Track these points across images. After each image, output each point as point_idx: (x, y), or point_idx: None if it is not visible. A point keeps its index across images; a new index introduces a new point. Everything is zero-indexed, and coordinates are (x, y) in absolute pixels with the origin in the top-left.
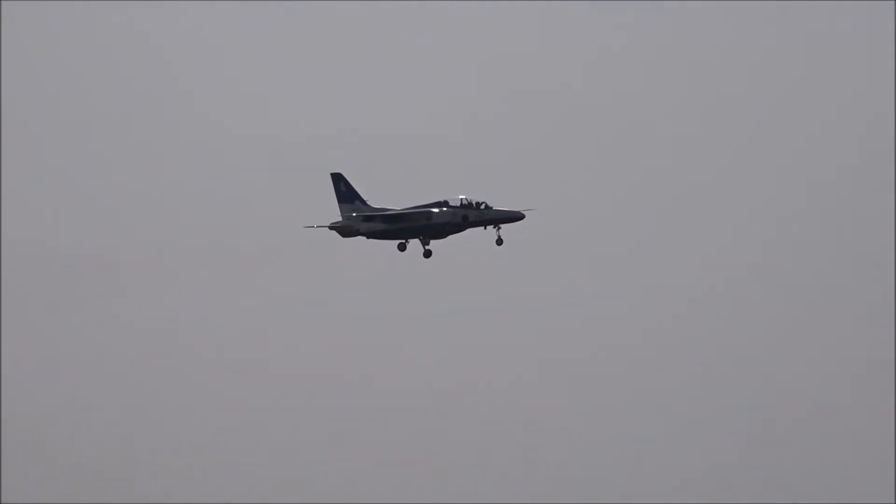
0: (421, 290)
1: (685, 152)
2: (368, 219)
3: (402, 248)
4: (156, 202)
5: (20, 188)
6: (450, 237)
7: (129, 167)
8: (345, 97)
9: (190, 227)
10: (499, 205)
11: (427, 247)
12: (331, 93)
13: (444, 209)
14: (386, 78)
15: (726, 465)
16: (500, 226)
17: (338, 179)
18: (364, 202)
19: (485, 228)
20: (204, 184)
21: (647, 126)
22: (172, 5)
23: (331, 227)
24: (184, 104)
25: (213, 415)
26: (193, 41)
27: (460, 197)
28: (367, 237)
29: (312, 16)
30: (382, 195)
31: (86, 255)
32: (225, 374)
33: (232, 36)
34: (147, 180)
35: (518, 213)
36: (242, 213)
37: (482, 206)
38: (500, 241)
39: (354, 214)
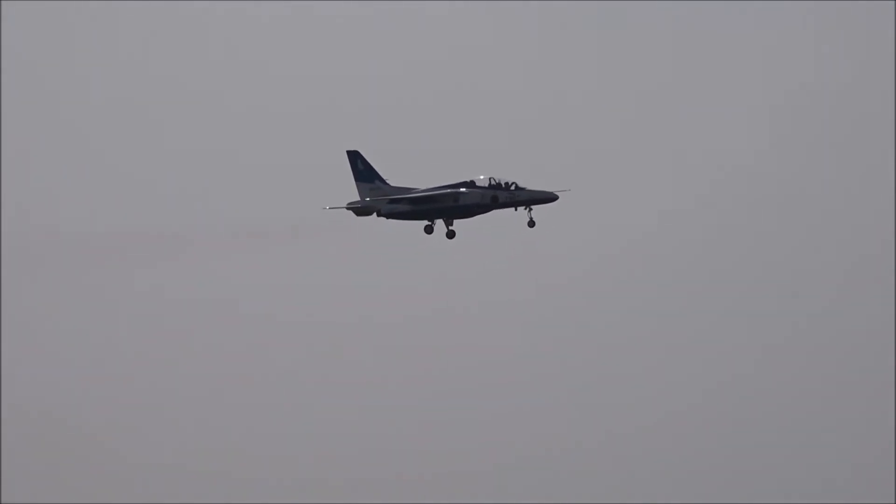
0: (445, 273)
1: (707, 137)
2: (394, 201)
3: (429, 230)
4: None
5: (21, 186)
6: (475, 217)
7: (140, 156)
8: (360, 70)
9: (205, 206)
10: (529, 185)
11: (450, 227)
12: (346, 66)
13: (473, 190)
14: (403, 52)
15: (725, 465)
16: (532, 207)
17: (354, 157)
18: (384, 181)
19: (515, 210)
20: (216, 166)
21: (678, 104)
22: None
23: (348, 207)
24: (194, 91)
25: (224, 400)
26: (197, 30)
27: (488, 176)
28: (387, 217)
29: None
30: (400, 173)
31: (104, 235)
32: (239, 358)
33: (238, 20)
34: (155, 165)
35: (551, 193)
36: (257, 193)
37: (512, 187)
38: (532, 223)
39: (369, 199)
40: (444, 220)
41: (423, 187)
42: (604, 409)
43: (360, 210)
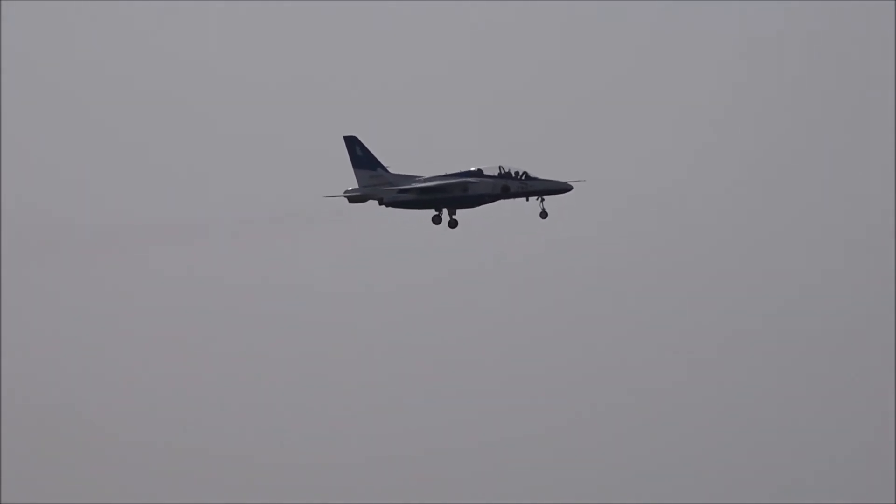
0: (448, 265)
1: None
2: (403, 190)
3: (436, 220)
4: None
5: (19, 187)
6: (481, 206)
7: (139, 146)
8: (357, 53)
9: (195, 197)
10: (541, 174)
11: (453, 216)
12: (341, 51)
13: (483, 179)
14: (401, 33)
15: (725, 465)
16: (545, 198)
17: (352, 143)
18: (385, 168)
19: (527, 200)
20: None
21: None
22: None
23: (345, 195)
24: (188, 81)
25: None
26: (196, 26)
27: (497, 165)
28: (388, 206)
29: None
30: (399, 160)
31: (104, 224)
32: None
33: (235, 11)
34: (148, 157)
35: (565, 184)
36: (252, 182)
37: (522, 176)
38: (544, 215)
39: (366, 187)
40: (447, 210)
41: (426, 175)
42: (606, 406)
43: (354, 198)
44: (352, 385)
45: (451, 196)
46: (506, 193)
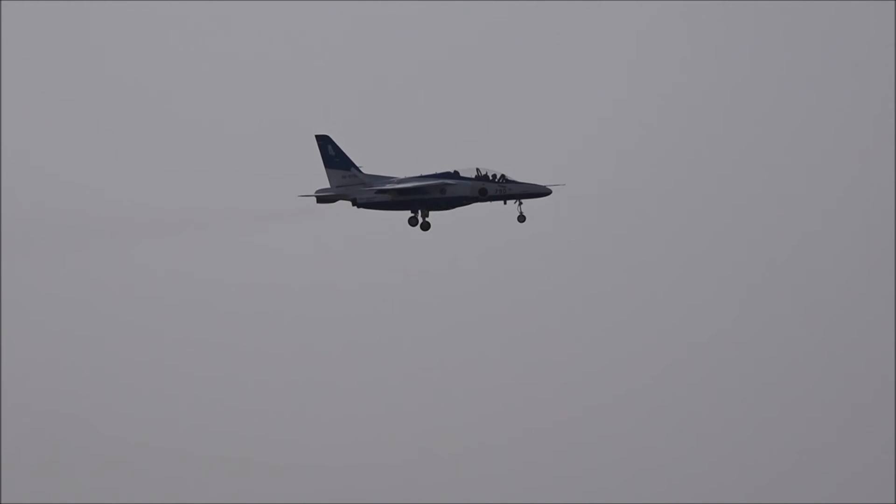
0: (421, 270)
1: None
2: (381, 191)
3: (413, 222)
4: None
5: (18, 186)
6: (454, 209)
7: (128, 144)
8: (330, 51)
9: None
10: (519, 177)
11: (426, 219)
12: (315, 48)
13: (461, 181)
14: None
15: (725, 465)
16: (522, 201)
17: (325, 142)
18: (358, 168)
19: (504, 203)
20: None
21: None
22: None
23: (316, 195)
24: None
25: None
26: (189, 24)
27: (473, 167)
28: (360, 207)
29: None
30: (372, 160)
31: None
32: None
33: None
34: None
35: (544, 188)
36: (225, 184)
37: (499, 179)
38: (522, 219)
39: (339, 187)
40: (420, 211)
41: (400, 176)
42: (585, 407)
43: (323, 198)
44: (334, 385)
45: (427, 197)
46: (483, 196)
